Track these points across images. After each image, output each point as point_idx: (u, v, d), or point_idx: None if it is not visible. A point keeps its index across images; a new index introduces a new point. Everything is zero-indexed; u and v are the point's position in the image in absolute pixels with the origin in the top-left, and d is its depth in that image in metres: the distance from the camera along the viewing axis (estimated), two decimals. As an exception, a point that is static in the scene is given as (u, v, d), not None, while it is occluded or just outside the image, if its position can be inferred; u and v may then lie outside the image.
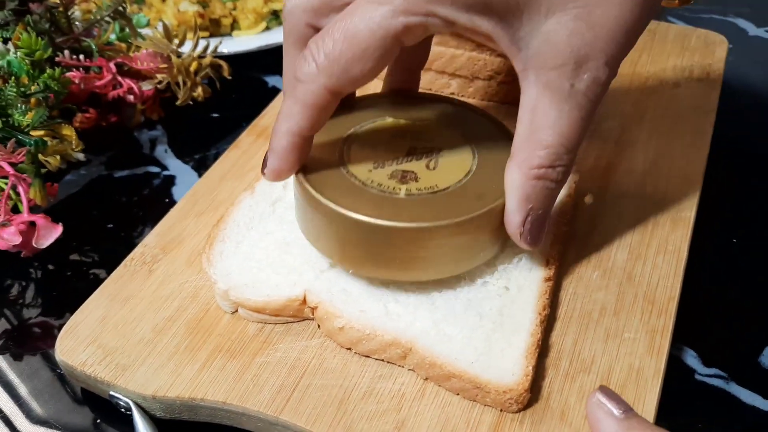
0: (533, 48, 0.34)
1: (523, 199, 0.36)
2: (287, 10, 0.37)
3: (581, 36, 0.33)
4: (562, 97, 0.34)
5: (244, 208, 0.44)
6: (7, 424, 0.39)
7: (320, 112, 0.36)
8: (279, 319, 0.39)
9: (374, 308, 0.38)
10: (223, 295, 0.39)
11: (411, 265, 0.37)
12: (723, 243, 0.49)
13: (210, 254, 0.41)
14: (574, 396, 0.36)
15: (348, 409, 0.35)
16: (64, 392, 0.41)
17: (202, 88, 0.57)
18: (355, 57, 0.34)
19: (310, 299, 0.39)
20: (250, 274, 0.40)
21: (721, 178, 0.52)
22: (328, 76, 0.35)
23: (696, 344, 0.43)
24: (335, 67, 0.34)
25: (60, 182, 0.54)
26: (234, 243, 0.42)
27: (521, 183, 0.36)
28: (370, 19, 0.33)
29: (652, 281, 0.41)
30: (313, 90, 0.35)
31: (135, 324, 0.40)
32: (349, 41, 0.34)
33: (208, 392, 0.36)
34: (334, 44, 0.34)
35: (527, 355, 0.36)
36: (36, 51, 0.49)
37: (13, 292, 0.47)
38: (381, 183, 0.38)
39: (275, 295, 0.39)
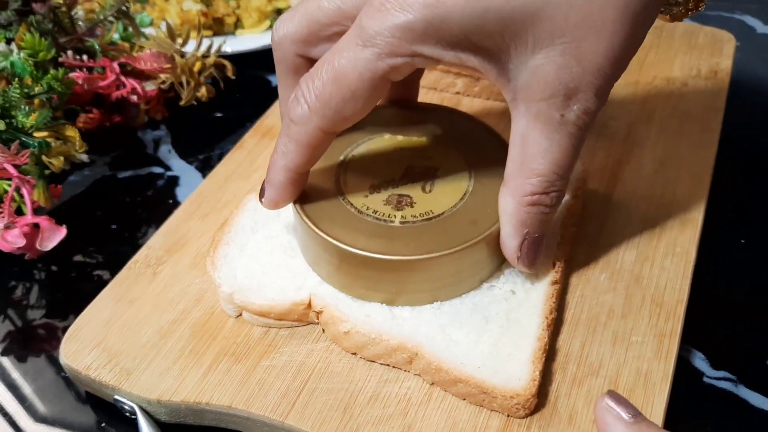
0: (522, 80, 0.34)
1: (519, 224, 0.36)
2: (276, 41, 0.38)
3: (569, 70, 0.33)
4: (552, 127, 0.34)
5: (249, 210, 0.44)
6: (12, 425, 0.39)
7: (315, 150, 0.37)
8: (283, 323, 0.39)
9: (380, 312, 0.38)
10: (227, 299, 0.39)
11: (405, 291, 0.38)
12: (731, 244, 0.49)
13: (214, 257, 0.41)
14: (582, 400, 0.36)
15: (354, 413, 0.35)
16: (69, 394, 0.40)
17: (206, 88, 0.57)
18: (345, 99, 0.34)
19: (315, 303, 0.38)
20: (255, 277, 0.40)
21: (729, 177, 0.52)
22: (321, 117, 0.35)
23: (704, 346, 0.42)
24: (327, 109, 0.35)
25: (63, 183, 0.54)
26: (238, 246, 0.42)
27: (515, 210, 0.36)
28: (356, 61, 0.34)
29: (660, 284, 0.41)
30: (307, 131, 0.36)
31: (140, 327, 0.39)
32: (338, 84, 0.34)
33: (213, 396, 0.36)
34: (324, 86, 0.35)
35: (534, 360, 0.36)
36: (39, 52, 0.49)
37: (17, 294, 0.46)
38: (376, 210, 0.38)
39: (280, 299, 0.38)
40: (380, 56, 0.33)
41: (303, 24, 0.37)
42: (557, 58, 0.33)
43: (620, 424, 0.33)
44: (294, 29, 0.37)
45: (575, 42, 0.32)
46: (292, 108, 0.36)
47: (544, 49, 0.33)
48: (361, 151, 0.42)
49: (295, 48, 0.37)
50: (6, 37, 0.53)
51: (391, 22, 0.33)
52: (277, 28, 0.38)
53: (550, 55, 0.33)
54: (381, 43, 0.33)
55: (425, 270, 0.37)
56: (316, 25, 0.36)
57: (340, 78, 0.34)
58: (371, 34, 0.33)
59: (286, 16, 0.38)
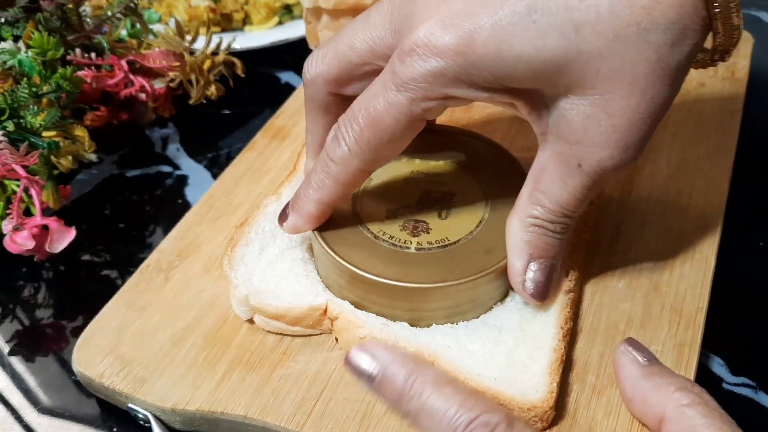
0: (553, 118, 0.34)
1: (522, 245, 0.36)
2: (308, 80, 0.39)
3: (598, 122, 0.33)
4: (568, 171, 0.34)
5: (270, 214, 0.43)
6: (20, 422, 0.39)
7: (350, 187, 0.38)
8: (295, 330, 0.39)
9: (396, 323, 0.37)
10: (242, 300, 0.39)
11: (419, 316, 0.37)
12: (750, 247, 0.48)
13: (231, 257, 0.40)
14: (602, 412, 0.35)
15: (371, 423, 0.35)
16: (80, 396, 0.40)
17: (216, 86, 0.56)
18: (383, 141, 0.36)
19: (332, 308, 0.38)
20: (272, 281, 0.39)
21: (748, 179, 0.51)
22: (361, 159, 0.36)
23: (723, 352, 0.42)
24: (366, 151, 0.36)
25: (71, 182, 0.53)
26: (257, 248, 0.41)
27: (519, 230, 0.36)
28: (391, 106, 0.34)
29: (679, 291, 0.40)
30: (347, 171, 0.37)
31: (152, 334, 0.39)
32: (375, 128, 0.35)
33: (228, 406, 0.36)
34: (362, 131, 0.35)
35: (551, 372, 0.35)
36: (48, 50, 0.48)
37: (25, 293, 0.46)
38: (393, 236, 0.39)
39: (297, 303, 0.38)
40: (414, 101, 0.34)
41: (335, 64, 0.37)
42: (587, 109, 0.33)
43: (636, 367, 0.34)
44: (326, 69, 0.38)
45: (606, 95, 0.32)
46: (331, 149, 0.37)
47: (575, 96, 0.33)
48: (379, 174, 0.42)
49: (328, 87, 0.38)
50: (13, 34, 0.52)
51: (423, 68, 0.33)
52: (308, 67, 0.38)
53: (580, 104, 0.33)
54: (414, 88, 0.34)
55: (439, 298, 0.37)
56: (348, 65, 0.37)
57: (376, 123, 0.35)
58: (404, 80, 0.34)
59: (317, 56, 0.38)
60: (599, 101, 0.32)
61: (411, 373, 0.29)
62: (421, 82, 0.33)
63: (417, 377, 0.29)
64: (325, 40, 0.56)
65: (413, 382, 0.29)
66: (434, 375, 0.29)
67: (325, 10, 0.54)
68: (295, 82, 0.63)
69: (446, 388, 0.28)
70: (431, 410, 0.28)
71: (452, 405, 0.28)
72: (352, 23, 0.37)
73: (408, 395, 0.29)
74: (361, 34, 0.37)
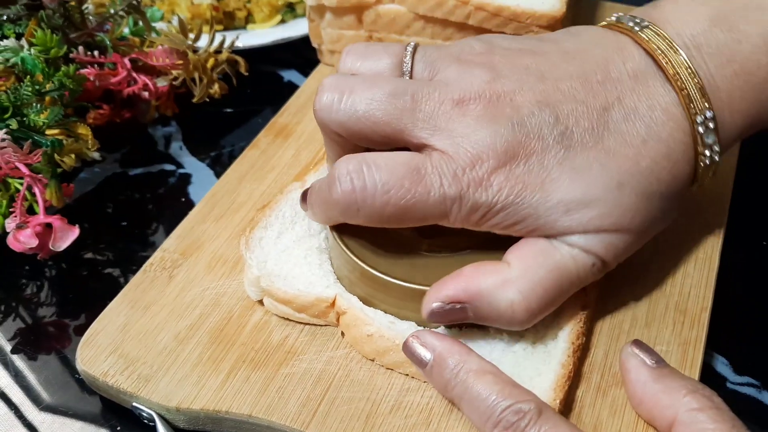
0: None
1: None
2: (317, 115, 0.37)
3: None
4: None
5: (292, 200, 0.43)
6: (21, 419, 0.39)
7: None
8: (300, 317, 0.39)
9: (404, 322, 0.37)
10: (253, 281, 0.39)
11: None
12: (754, 246, 0.48)
13: (249, 238, 0.41)
14: (607, 411, 0.35)
15: (376, 423, 0.35)
16: (82, 394, 0.40)
17: (219, 84, 0.56)
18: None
19: (340, 303, 0.38)
20: (286, 266, 0.39)
21: (752, 179, 0.51)
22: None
23: (727, 351, 0.42)
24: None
25: (74, 180, 0.53)
26: (276, 233, 0.41)
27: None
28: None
29: (683, 291, 0.40)
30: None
31: (156, 332, 0.39)
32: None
33: (233, 405, 0.36)
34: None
35: (556, 388, 0.34)
36: (51, 48, 0.48)
37: (28, 292, 0.46)
38: (405, 235, 0.38)
39: (306, 291, 0.38)
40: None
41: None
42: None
43: (644, 369, 0.34)
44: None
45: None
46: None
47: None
48: None
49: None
50: (15, 31, 0.52)
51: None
52: (320, 102, 0.36)
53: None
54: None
55: None
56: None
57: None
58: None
59: (330, 98, 0.36)
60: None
61: (458, 362, 0.33)
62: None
63: (463, 365, 0.33)
64: (327, 38, 0.56)
65: (459, 370, 0.33)
66: (478, 364, 0.33)
67: (328, 8, 0.54)
68: (298, 81, 0.63)
69: (487, 377, 0.32)
70: (473, 396, 0.32)
71: (492, 393, 0.32)
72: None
73: (454, 382, 0.33)
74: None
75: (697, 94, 0.35)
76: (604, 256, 0.35)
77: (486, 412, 0.32)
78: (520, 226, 0.35)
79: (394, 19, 0.53)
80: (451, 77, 0.36)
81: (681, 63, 0.35)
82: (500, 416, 0.31)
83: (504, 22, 0.50)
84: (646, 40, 0.36)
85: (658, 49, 0.36)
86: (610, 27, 0.38)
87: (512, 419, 0.31)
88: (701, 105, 0.35)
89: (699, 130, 0.35)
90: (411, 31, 0.53)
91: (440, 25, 0.52)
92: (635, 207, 0.35)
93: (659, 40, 0.36)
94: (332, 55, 0.57)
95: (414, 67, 0.37)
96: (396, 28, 0.53)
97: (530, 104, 0.35)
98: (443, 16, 0.51)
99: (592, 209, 0.34)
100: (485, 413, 0.32)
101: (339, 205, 0.35)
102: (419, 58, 0.37)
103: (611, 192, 0.34)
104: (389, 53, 0.38)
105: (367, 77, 0.36)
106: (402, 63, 0.37)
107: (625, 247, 0.36)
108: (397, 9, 0.52)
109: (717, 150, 0.36)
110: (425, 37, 0.53)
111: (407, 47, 0.38)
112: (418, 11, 0.51)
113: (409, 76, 0.37)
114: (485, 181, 0.34)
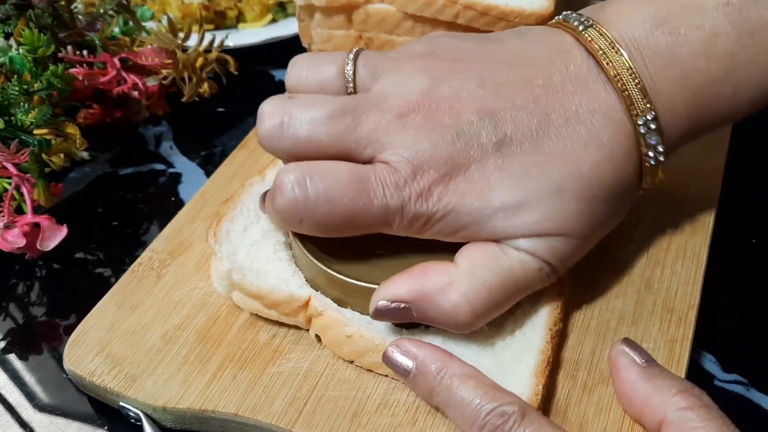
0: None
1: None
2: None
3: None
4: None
5: (254, 194, 0.43)
6: (16, 417, 0.39)
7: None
8: (269, 314, 0.38)
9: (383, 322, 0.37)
10: (223, 274, 0.38)
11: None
12: (742, 244, 0.48)
13: (217, 230, 0.40)
14: (593, 408, 0.35)
15: (362, 422, 0.35)
16: (76, 394, 0.40)
17: (208, 83, 0.56)
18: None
19: (315, 304, 0.37)
20: (257, 261, 0.39)
21: (740, 177, 0.51)
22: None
23: (715, 349, 0.42)
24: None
25: (64, 180, 0.53)
26: (242, 226, 0.41)
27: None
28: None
29: (671, 288, 0.40)
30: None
31: (144, 332, 0.39)
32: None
33: (219, 404, 0.36)
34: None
35: (537, 374, 0.35)
36: (39, 48, 0.48)
37: (18, 291, 0.46)
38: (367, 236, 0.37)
39: (279, 288, 0.38)
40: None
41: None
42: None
43: (633, 368, 0.34)
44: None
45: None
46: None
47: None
48: None
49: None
50: (4, 31, 0.52)
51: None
52: (262, 131, 0.36)
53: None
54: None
55: None
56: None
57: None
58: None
59: (271, 126, 0.36)
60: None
61: (440, 368, 0.33)
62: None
63: (446, 372, 0.33)
64: (318, 38, 0.55)
65: (442, 376, 0.33)
66: (461, 369, 0.33)
67: (317, 8, 0.54)
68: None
69: (471, 381, 0.33)
70: (457, 401, 0.33)
71: (476, 397, 0.32)
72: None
73: (438, 388, 0.33)
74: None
75: (638, 95, 0.35)
76: (550, 259, 0.35)
77: (471, 417, 0.32)
78: (462, 233, 0.35)
79: (384, 18, 0.53)
80: (391, 84, 0.36)
81: (622, 64, 0.35)
82: (485, 419, 0.31)
83: (493, 21, 0.50)
84: (588, 40, 0.36)
85: (600, 50, 0.35)
86: (557, 25, 0.38)
87: (497, 422, 0.31)
88: (642, 106, 0.35)
89: (641, 131, 0.35)
90: (401, 31, 0.53)
91: (430, 24, 0.52)
92: (577, 211, 0.35)
93: (602, 41, 0.36)
94: (322, 55, 0.57)
95: (357, 73, 0.37)
96: (386, 28, 0.53)
97: (469, 112, 0.35)
98: (432, 16, 0.51)
99: (532, 213, 0.34)
100: (470, 417, 0.32)
101: (281, 214, 0.35)
102: (362, 64, 0.37)
103: (551, 196, 0.34)
104: (332, 62, 0.38)
105: (306, 99, 0.36)
106: (344, 71, 0.37)
107: (571, 251, 0.36)
108: (386, 8, 0.52)
109: (661, 150, 0.36)
110: (415, 36, 0.53)
111: (349, 54, 0.38)
112: (408, 10, 0.51)
113: (352, 83, 0.37)
114: (426, 191, 0.34)
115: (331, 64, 0.38)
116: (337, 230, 0.35)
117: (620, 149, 0.35)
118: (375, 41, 0.54)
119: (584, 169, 0.35)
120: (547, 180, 0.34)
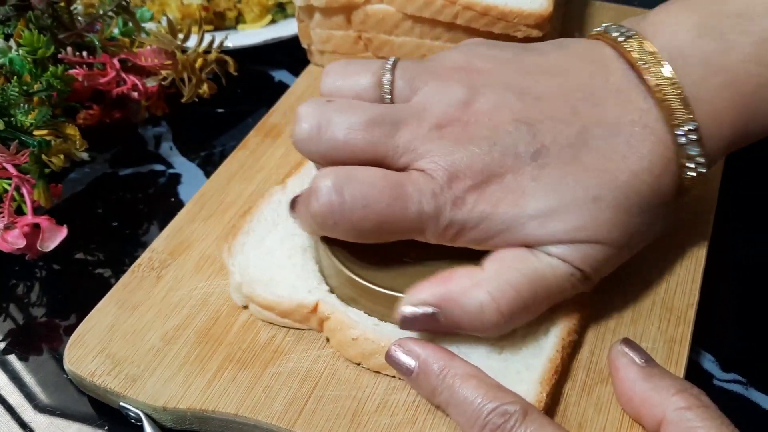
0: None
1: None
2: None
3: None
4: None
5: (274, 203, 0.43)
6: (16, 418, 0.39)
7: None
8: (284, 322, 0.39)
9: (389, 324, 0.37)
10: (236, 287, 0.39)
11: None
12: (740, 243, 0.48)
13: (232, 244, 0.41)
14: (592, 408, 0.35)
15: (362, 421, 0.35)
16: (76, 395, 0.40)
17: (208, 84, 0.56)
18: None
19: (323, 309, 0.38)
20: (268, 271, 0.39)
21: (739, 176, 0.51)
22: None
23: (714, 348, 0.42)
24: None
25: (64, 180, 0.53)
26: (258, 237, 0.41)
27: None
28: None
29: (670, 288, 0.41)
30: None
31: (144, 332, 0.39)
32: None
33: (219, 404, 0.36)
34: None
35: (542, 381, 0.35)
36: (38, 49, 0.48)
37: (18, 292, 0.46)
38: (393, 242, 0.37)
39: (287, 297, 0.38)
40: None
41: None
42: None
43: (633, 368, 0.34)
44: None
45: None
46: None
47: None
48: None
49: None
50: (4, 32, 0.52)
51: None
52: (299, 134, 0.36)
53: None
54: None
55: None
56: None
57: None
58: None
59: (308, 129, 0.36)
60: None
61: (443, 367, 0.33)
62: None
63: (448, 371, 0.33)
64: (317, 38, 0.56)
65: (445, 375, 0.33)
66: (463, 369, 0.33)
67: (317, 9, 0.54)
68: (289, 80, 0.63)
69: (472, 381, 0.33)
70: (459, 400, 0.33)
71: (477, 396, 0.32)
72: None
73: (440, 387, 0.33)
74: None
75: (679, 105, 0.35)
76: (583, 266, 0.35)
77: (473, 416, 0.32)
78: (495, 240, 0.35)
79: (383, 19, 0.53)
80: (429, 96, 0.36)
81: (663, 74, 0.35)
82: (486, 419, 0.31)
83: (492, 22, 0.50)
84: (629, 51, 0.36)
85: (640, 60, 0.35)
86: (596, 37, 0.38)
87: (498, 421, 0.31)
88: (683, 116, 0.35)
89: (681, 141, 0.35)
90: (400, 31, 0.53)
91: (429, 24, 0.52)
92: (612, 220, 0.35)
93: (642, 51, 0.36)
94: (322, 56, 0.57)
95: (394, 84, 0.37)
96: (385, 28, 0.53)
97: (507, 123, 0.35)
98: (431, 16, 0.51)
99: (566, 221, 0.34)
100: (472, 417, 0.32)
101: (316, 218, 0.35)
102: (399, 75, 0.37)
103: (586, 205, 0.34)
104: (369, 71, 0.38)
105: (344, 104, 0.36)
106: (382, 81, 0.37)
107: (605, 259, 0.36)
108: (385, 9, 0.52)
109: (702, 162, 0.36)
110: (414, 36, 0.53)
111: (386, 63, 0.38)
112: (407, 11, 0.51)
113: (389, 94, 0.37)
114: (460, 199, 0.34)
115: (366, 74, 0.38)
116: (371, 236, 0.35)
117: (659, 160, 0.35)
118: (374, 42, 0.54)
119: (622, 179, 0.35)
120: (583, 189, 0.34)
